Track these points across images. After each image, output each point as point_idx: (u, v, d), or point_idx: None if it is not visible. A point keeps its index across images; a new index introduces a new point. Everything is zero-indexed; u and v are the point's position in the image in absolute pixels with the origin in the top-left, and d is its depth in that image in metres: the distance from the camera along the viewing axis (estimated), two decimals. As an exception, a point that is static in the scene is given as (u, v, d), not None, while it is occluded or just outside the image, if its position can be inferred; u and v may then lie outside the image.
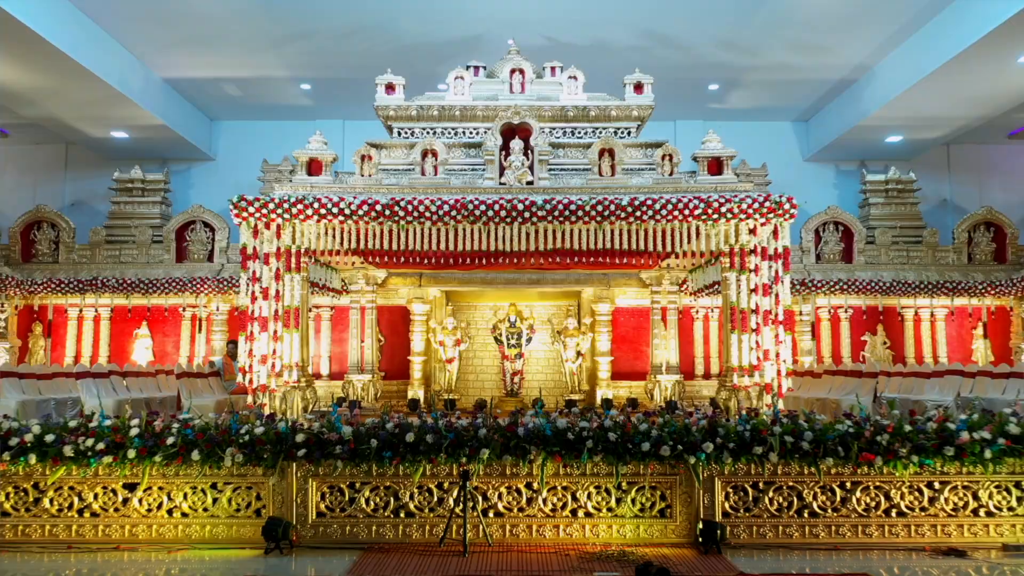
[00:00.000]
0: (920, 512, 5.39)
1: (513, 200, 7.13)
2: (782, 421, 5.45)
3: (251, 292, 7.27)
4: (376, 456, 5.25)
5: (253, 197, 7.33)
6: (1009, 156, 13.89)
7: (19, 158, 13.73)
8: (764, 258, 7.24)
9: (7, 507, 5.41)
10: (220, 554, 5.19)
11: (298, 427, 5.38)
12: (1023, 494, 5.43)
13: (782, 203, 7.20)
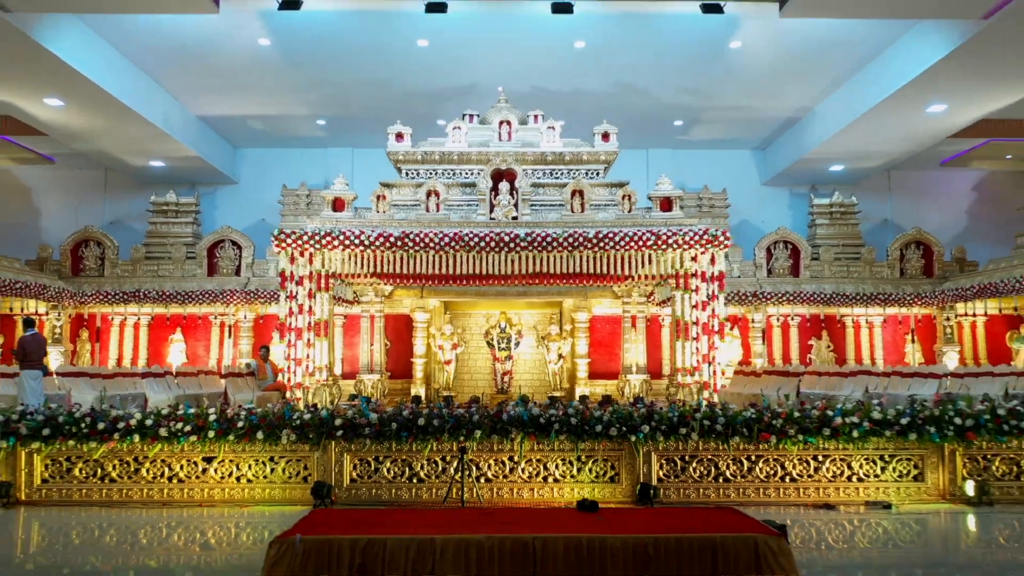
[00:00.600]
0: (807, 478, 7.14)
1: (501, 233, 8.87)
2: (702, 409, 7.19)
3: (289, 308, 8.98)
4: (395, 436, 6.97)
5: (290, 231, 9.02)
6: (943, 181, 15.69)
7: (63, 182, 15.39)
8: (703, 280, 9.00)
9: (114, 475, 7.10)
10: (277, 509, 6.88)
11: (336, 414, 7.09)
12: (884, 464, 7.19)
13: (717, 236, 8.94)
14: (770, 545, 4.33)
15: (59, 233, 15.18)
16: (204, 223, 15.02)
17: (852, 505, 7.01)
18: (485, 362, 13.19)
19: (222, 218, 15.21)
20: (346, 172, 15.36)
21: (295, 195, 14.40)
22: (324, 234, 8.95)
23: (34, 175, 15.31)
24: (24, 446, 7.00)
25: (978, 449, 7.18)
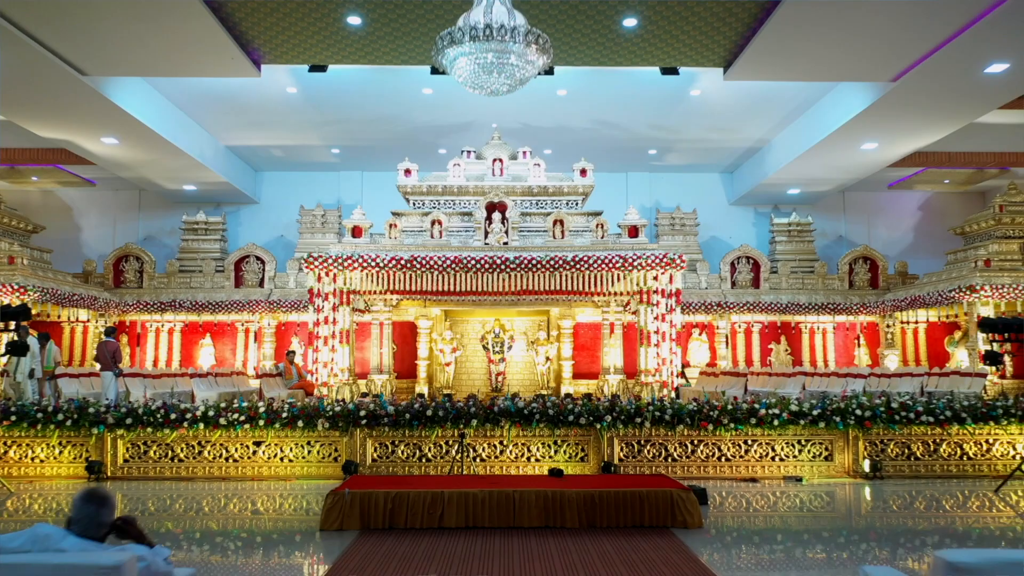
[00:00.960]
0: (738, 458, 8.92)
1: (493, 256, 10.63)
2: (654, 403, 8.97)
3: (316, 319, 10.73)
4: (408, 424, 8.72)
5: (319, 255, 10.76)
6: (892, 201, 17.48)
7: (101, 202, 17.11)
8: (662, 296, 10.78)
9: (181, 456, 8.85)
10: (313, 483, 8.63)
11: (360, 407, 8.85)
12: (801, 447, 8.97)
13: (674, 259, 10.73)
14: (680, 496, 6.11)
15: (98, 248, 16.93)
16: (229, 239, 16.74)
17: (773, 479, 8.78)
18: (481, 364, 14.91)
19: (245, 235, 16.95)
20: (355, 193, 17.14)
21: (311, 215, 16.14)
22: (346, 258, 10.71)
23: (76, 196, 17.03)
24: (111, 432, 8.76)
25: (876, 435, 8.97)
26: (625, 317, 14.72)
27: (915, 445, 9.04)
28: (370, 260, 10.58)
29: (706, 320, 15.66)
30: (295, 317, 15.19)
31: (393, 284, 10.73)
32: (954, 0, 7.79)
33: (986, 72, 9.56)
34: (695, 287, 15.61)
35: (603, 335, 14.62)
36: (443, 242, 11.44)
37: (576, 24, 9.15)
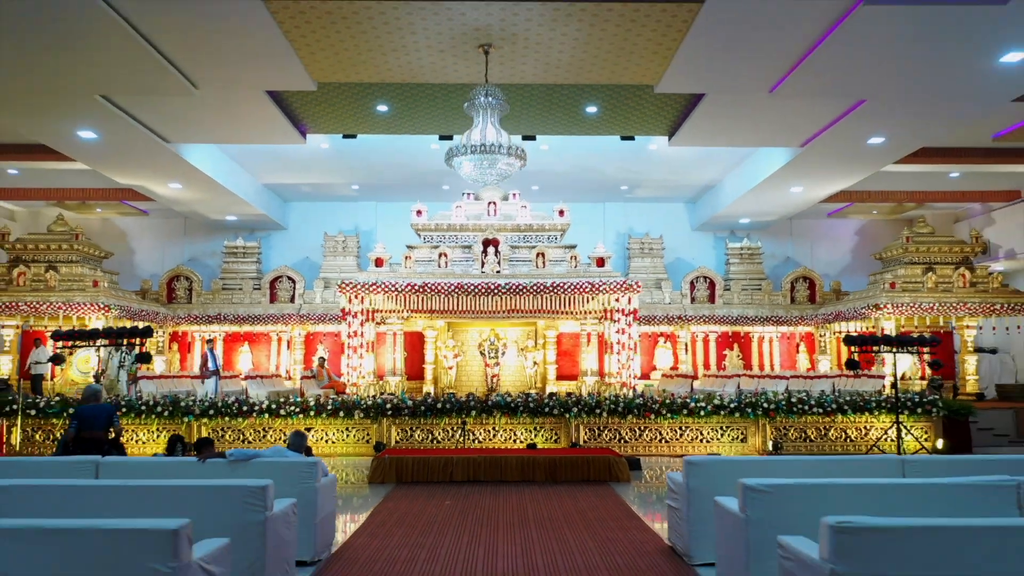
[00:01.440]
0: (675, 441, 11.73)
1: (488, 283, 13.43)
2: (609, 398, 11.77)
3: (348, 332, 13.50)
4: (423, 414, 11.51)
5: (350, 282, 13.54)
6: (831, 228, 20.31)
7: (152, 228, 19.88)
8: (623, 314, 13.58)
9: (250, 438, 11.63)
10: (350, 459, 11.40)
11: (387, 401, 11.63)
12: (723, 432, 11.78)
13: (632, 285, 13.52)
14: (615, 460, 8.93)
15: (149, 268, 19.70)
16: (263, 261, 19.53)
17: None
18: (479, 367, 17.64)
19: (276, 257, 19.74)
20: (371, 221, 19.93)
21: (334, 240, 18.93)
22: (371, 284, 13.52)
23: (131, 223, 19.80)
24: (196, 420, 11.55)
25: (780, 422, 11.81)
26: (600, 328, 17.50)
27: (810, 430, 11.89)
28: (390, 286, 13.38)
29: (669, 330, 18.45)
30: (321, 328, 17.97)
31: (408, 304, 13.52)
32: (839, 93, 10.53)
33: (869, 143, 12.40)
34: (660, 302, 18.42)
35: (581, 343, 17.34)
36: (448, 271, 14.26)
37: (551, 108, 11.98)
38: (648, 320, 17.88)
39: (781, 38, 8.72)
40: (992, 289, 15.70)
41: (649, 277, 18.80)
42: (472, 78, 10.04)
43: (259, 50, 9.04)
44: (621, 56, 9.47)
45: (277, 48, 9.00)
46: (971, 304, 15.41)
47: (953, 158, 14.16)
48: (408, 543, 6.20)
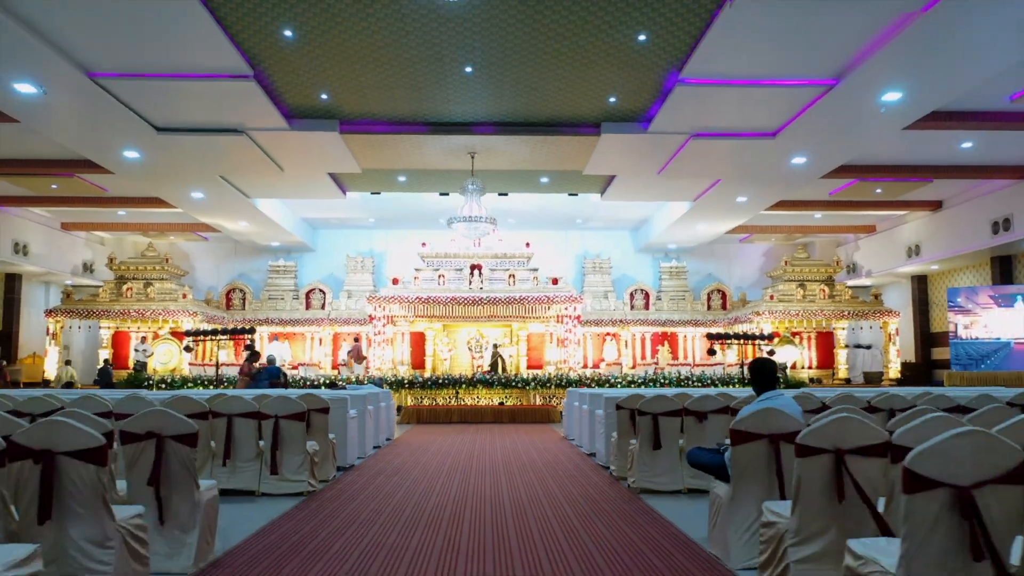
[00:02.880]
0: (601, 405, 17.26)
1: (474, 296, 18.89)
2: (554, 376, 17.27)
3: (375, 331, 18.95)
4: (430, 387, 16.98)
5: (376, 295, 18.97)
6: (743, 250, 25.93)
7: (209, 250, 25.23)
8: (569, 319, 19.11)
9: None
10: (380, 418, 16.85)
11: (404, 379, 17.07)
12: (633, 399, 17.33)
13: (578, 298, 19.05)
14: (551, 410, 14.42)
15: (207, 282, 25.03)
16: (298, 276, 24.94)
17: (618, 415, 17.14)
18: (467, 359, 23.12)
19: (308, 273, 25.14)
20: (384, 244, 25.35)
21: (354, 260, 24.35)
22: (391, 297, 18.98)
23: (192, 246, 25.14)
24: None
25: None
26: (560, 328, 23.03)
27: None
28: (404, 298, 18.84)
29: (615, 331, 24.00)
30: (345, 329, 23.36)
31: (416, 311, 18.98)
32: (703, 175, 16.00)
33: (737, 201, 17.99)
34: (607, 309, 23.96)
35: (545, 340, 22.89)
36: (445, 287, 19.76)
37: (518, 180, 17.52)
38: (597, 323, 23.42)
39: (655, 152, 14.30)
40: (845, 300, 21.37)
41: (599, 289, 24.36)
42: (462, 166, 15.58)
43: (331, 156, 14.55)
44: (561, 156, 15.04)
45: (343, 155, 14.52)
46: (827, 311, 21.08)
47: (803, 207, 19.78)
48: (428, 439, 11.68)
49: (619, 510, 6.32)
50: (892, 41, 9.44)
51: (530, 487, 7.52)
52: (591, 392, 10.21)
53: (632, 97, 12.45)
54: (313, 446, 6.85)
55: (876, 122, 12.41)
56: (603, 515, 6.12)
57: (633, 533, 5.45)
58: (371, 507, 6.42)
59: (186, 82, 11.08)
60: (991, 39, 9.23)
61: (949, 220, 19.26)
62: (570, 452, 10.43)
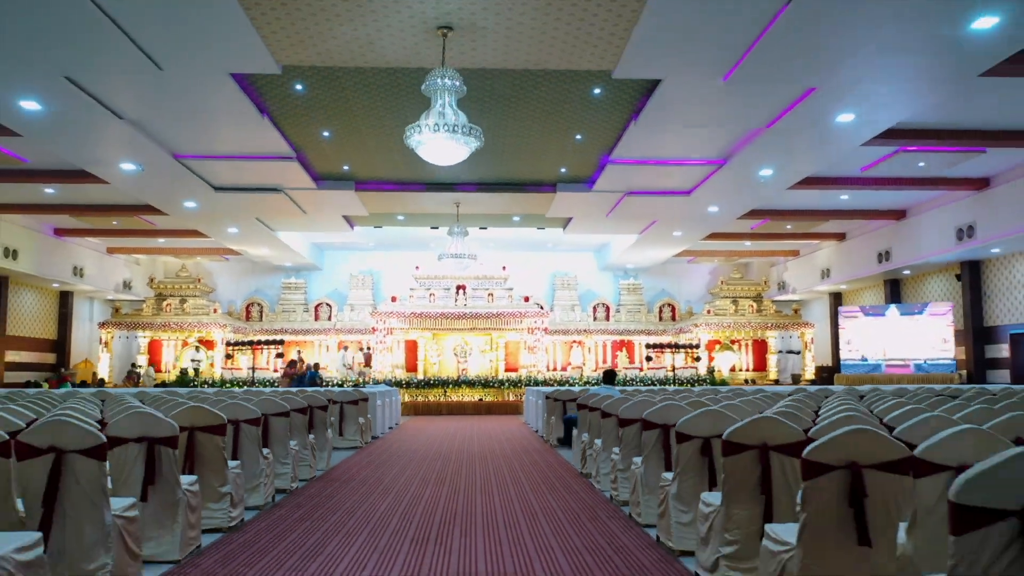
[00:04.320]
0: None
1: (460, 312, 22.87)
2: (525, 378, 21.26)
3: (378, 340, 22.88)
4: (423, 386, 20.93)
5: (379, 311, 22.92)
6: (692, 269, 30.04)
7: (228, 268, 29.03)
8: (537, 330, 23.13)
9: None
10: (383, 412, 20.78)
11: (403, 381, 21.00)
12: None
13: (545, 313, 23.07)
14: (519, 404, 18.40)
15: (227, 296, 28.84)
16: (307, 292, 28.81)
17: (576, 409, 21.18)
18: (453, 364, 27.08)
19: (315, 288, 29.02)
20: (381, 263, 29.26)
21: (357, 278, 28.25)
22: (390, 312, 22.94)
23: (214, 265, 28.95)
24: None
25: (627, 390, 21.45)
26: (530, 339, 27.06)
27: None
28: (402, 314, 22.78)
29: (580, 339, 28.06)
30: (348, 338, 27.26)
31: (412, 324, 22.93)
32: (638, 217, 20.03)
33: (674, 235, 22.08)
34: (574, 320, 28.00)
35: (521, 347, 26.93)
36: (435, 304, 23.72)
37: (491, 219, 21.51)
38: (565, 332, 27.43)
39: (600, 203, 18.35)
40: (770, 314, 25.54)
41: (567, 303, 28.40)
42: (450, 211, 19.56)
43: (346, 204, 18.52)
44: (527, 204, 19.07)
45: (355, 204, 18.51)
46: (755, 323, 25.24)
47: (734, 238, 23.91)
48: (425, 424, 15.64)
49: (541, 456, 10.36)
50: (763, 133, 13.50)
51: (491, 445, 11.57)
52: (538, 389, 14.25)
53: (579, 169, 16.53)
54: (361, 420, 10.83)
55: (762, 187, 16.53)
56: (530, 455, 10.17)
57: (545, 465, 9.49)
58: (397, 452, 10.43)
59: (246, 161, 15.04)
60: (839, 133, 13.31)
61: (850, 250, 23.46)
62: (523, 430, 14.50)
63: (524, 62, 10.49)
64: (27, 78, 10.39)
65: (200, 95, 11.52)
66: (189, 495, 4.73)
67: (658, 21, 9.02)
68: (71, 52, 9.63)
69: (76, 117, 11.96)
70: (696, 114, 12.50)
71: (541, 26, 9.37)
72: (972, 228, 17.55)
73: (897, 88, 10.96)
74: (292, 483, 7.54)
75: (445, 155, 9.47)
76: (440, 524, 6.10)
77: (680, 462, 4.88)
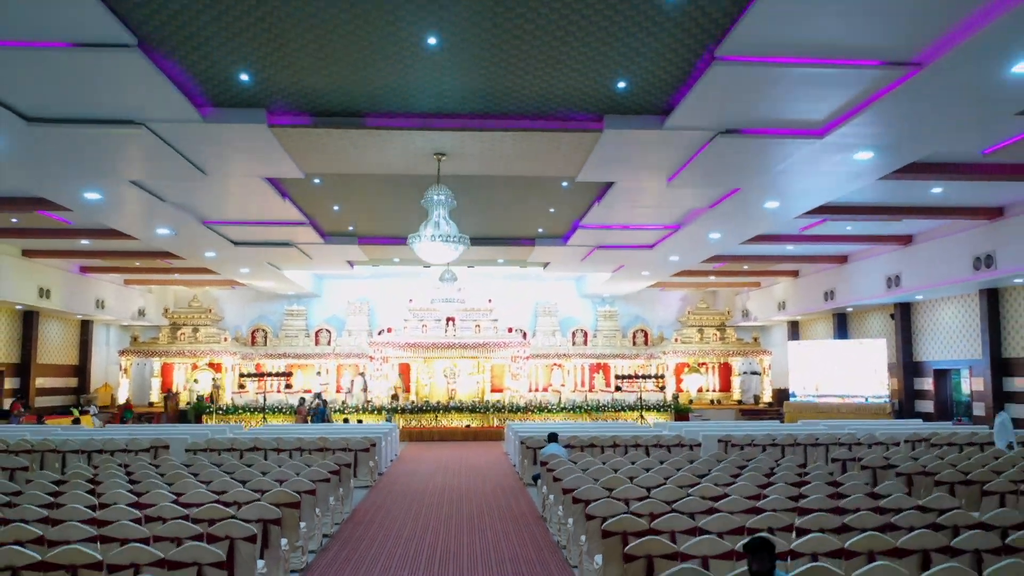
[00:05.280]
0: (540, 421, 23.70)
1: (450, 341, 25.23)
2: (508, 404, 23.65)
3: (375, 367, 25.21)
4: (416, 412, 23.28)
5: (376, 341, 25.26)
6: (664, 296, 32.50)
7: (236, 295, 31.22)
8: (519, 357, 25.53)
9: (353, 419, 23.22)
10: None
11: (398, 407, 23.33)
12: (563, 419, 23.75)
13: (527, 343, 25.47)
14: (501, 430, 20.77)
15: (233, 321, 31.05)
16: (308, 318, 31.08)
17: (554, 432, 23.57)
18: (444, 384, 29.41)
19: (315, 314, 31.28)
20: (376, 292, 31.54)
21: (354, 305, 30.53)
22: (386, 342, 25.27)
23: (221, 292, 31.15)
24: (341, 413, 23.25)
25: (599, 414, 23.87)
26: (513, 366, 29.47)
27: (611, 419, 23.93)
28: (397, 343, 25.12)
29: (560, 362, 30.47)
30: (346, 362, 29.54)
31: (406, 353, 25.29)
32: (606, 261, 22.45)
33: (642, 274, 24.52)
34: (554, 344, 30.39)
35: (506, 370, 29.32)
36: (427, 335, 26.08)
37: (479, 261, 23.90)
38: (546, 356, 29.82)
39: (575, 253, 20.76)
40: (732, 342, 28.06)
41: (548, 328, 30.78)
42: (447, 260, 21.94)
43: (349, 255, 20.85)
44: (509, 253, 21.47)
45: (358, 254, 20.85)
46: (718, 351, 27.74)
47: (699, 275, 26.38)
48: (420, 452, 17.98)
49: (514, 495, 12.77)
50: (706, 212, 15.92)
51: (475, 483, 13.97)
52: (516, 427, 16.65)
53: (554, 228, 18.94)
54: (371, 464, 13.17)
55: (714, 245, 18.98)
56: (505, 496, 12.58)
57: (515, 505, 11.90)
58: (401, 493, 12.80)
59: (264, 226, 17.37)
60: (769, 214, 15.77)
61: (802, 286, 26.00)
62: (503, 462, 16.93)
63: (503, 172, 12.89)
64: (97, 181, 12.70)
65: (234, 188, 13.85)
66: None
67: (610, 148, 11.44)
68: (139, 166, 11.94)
69: (128, 203, 14.26)
70: (648, 201, 14.96)
71: (516, 151, 11.76)
72: (899, 278, 20.07)
73: (812, 184, 13.42)
74: (332, 528, 9.89)
75: (440, 257, 11.83)
76: (439, 563, 8.48)
77: (588, 530, 7.25)
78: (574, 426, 16.66)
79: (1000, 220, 16.34)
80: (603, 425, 17.53)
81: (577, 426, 16.70)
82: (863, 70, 8.56)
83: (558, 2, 7.60)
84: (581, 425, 17.69)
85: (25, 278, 21.03)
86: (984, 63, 8.02)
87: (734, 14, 7.71)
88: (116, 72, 8.54)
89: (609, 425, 17.51)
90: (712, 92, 9.21)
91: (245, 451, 11.99)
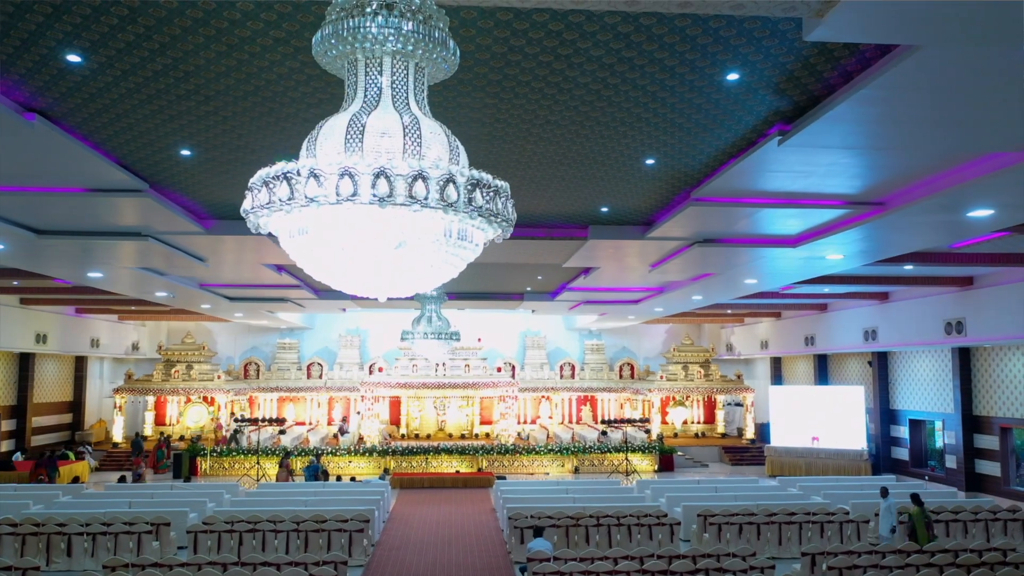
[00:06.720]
0: (531, 465, 24.24)
1: (440, 381, 25.77)
2: (497, 446, 24.23)
3: (366, 406, 25.71)
4: (407, 453, 23.81)
5: (367, 382, 25.77)
6: (651, 330, 33.13)
7: (228, 329, 31.60)
8: (507, 396, 26.10)
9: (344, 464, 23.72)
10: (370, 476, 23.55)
11: (389, 446, 23.85)
12: (552, 461, 24.36)
13: (514, 384, 26.04)
14: (489, 478, 21.36)
15: (226, 352, 31.45)
16: (300, 351, 31.51)
17: (539, 474, 24.09)
18: (433, 417, 29.92)
19: (307, 346, 31.72)
20: (367, 323, 32.00)
21: (345, 338, 30.99)
22: (377, 382, 25.78)
23: (215, 326, 31.52)
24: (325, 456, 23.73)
25: (581, 457, 24.45)
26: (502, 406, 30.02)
27: (597, 460, 24.55)
28: (388, 383, 25.63)
29: (548, 395, 31.06)
30: (339, 395, 30.01)
31: (397, 391, 25.80)
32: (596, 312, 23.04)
33: (628, 317, 25.13)
34: (543, 378, 30.97)
35: (494, 404, 29.86)
36: (418, 374, 26.60)
37: (466, 305, 24.41)
38: (535, 389, 30.40)
39: (560, 306, 21.33)
40: (716, 378, 28.73)
41: (537, 361, 31.36)
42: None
43: (343, 306, 21.32)
44: (498, 304, 21.99)
45: (350, 306, 21.32)
46: (702, 388, 28.40)
47: (682, 315, 27.00)
48: (413, 509, 18.55)
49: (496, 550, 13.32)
50: (687, 284, 16.55)
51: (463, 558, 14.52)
52: (504, 489, 17.19)
53: (542, 288, 19.51)
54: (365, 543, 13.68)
55: (696, 303, 19.59)
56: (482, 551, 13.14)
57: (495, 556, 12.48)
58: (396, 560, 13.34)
59: (260, 288, 17.83)
60: (746, 286, 16.40)
61: (783, 328, 26.68)
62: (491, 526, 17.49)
63: (494, 261, 13.43)
64: (101, 267, 13.16)
65: (231, 265, 14.34)
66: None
67: (594, 250, 12.01)
68: (142, 260, 12.42)
69: (128, 278, 14.71)
70: (632, 277, 15.56)
71: (507, 250, 12.31)
72: (875, 332, 20.75)
73: (788, 268, 14.04)
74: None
75: (432, 352, 12.35)
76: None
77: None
78: (558, 489, 17.20)
79: (970, 289, 17.01)
80: (588, 486, 18.08)
81: (562, 488, 17.26)
82: (829, 209, 9.16)
83: (553, 158, 8.15)
84: (566, 486, 18.22)
85: (23, 326, 21.39)
86: (943, 213, 8.63)
87: (708, 172, 8.30)
88: (127, 208, 9.03)
89: (594, 486, 18.06)
90: (689, 220, 9.79)
91: (244, 533, 12.46)
